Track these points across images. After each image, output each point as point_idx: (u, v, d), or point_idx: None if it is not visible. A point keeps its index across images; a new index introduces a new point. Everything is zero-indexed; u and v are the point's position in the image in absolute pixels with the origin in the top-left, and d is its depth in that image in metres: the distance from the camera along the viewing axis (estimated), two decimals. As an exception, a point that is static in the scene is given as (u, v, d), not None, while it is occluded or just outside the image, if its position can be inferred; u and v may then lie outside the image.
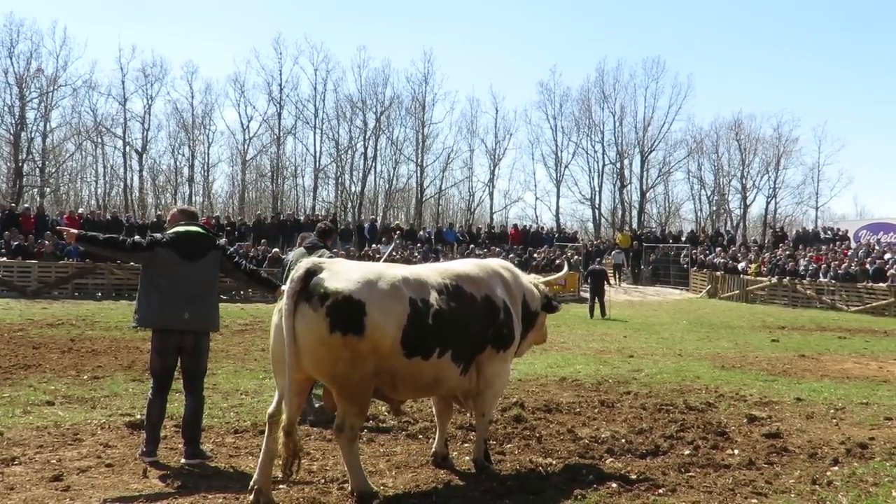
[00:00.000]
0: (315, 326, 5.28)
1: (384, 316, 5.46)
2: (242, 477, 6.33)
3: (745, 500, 5.93)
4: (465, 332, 6.01)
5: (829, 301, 28.82)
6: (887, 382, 11.87)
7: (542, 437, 7.83)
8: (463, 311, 6.01)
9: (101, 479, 6.18)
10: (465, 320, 6.02)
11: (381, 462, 6.85)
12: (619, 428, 8.31)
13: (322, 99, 52.65)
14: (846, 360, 14.69)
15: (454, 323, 5.89)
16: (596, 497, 5.91)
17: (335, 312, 5.28)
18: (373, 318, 5.38)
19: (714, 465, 6.83)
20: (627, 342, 17.15)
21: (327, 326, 5.26)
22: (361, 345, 5.35)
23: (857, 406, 9.78)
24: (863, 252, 32.56)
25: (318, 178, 53.58)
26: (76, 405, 8.89)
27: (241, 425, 8.10)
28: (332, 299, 5.29)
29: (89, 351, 13.25)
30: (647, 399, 10.01)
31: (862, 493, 6.11)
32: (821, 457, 7.20)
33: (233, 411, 8.77)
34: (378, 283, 5.54)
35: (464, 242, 35.78)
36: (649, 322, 22.76)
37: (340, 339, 5.28)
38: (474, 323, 6.12)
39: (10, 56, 45.48)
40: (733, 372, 12.74)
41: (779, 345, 17.21)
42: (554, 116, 55.66)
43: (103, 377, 10.71)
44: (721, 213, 57.62)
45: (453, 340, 5.90)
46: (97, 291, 25.75)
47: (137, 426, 7.79)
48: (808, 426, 8.60)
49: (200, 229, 6.97)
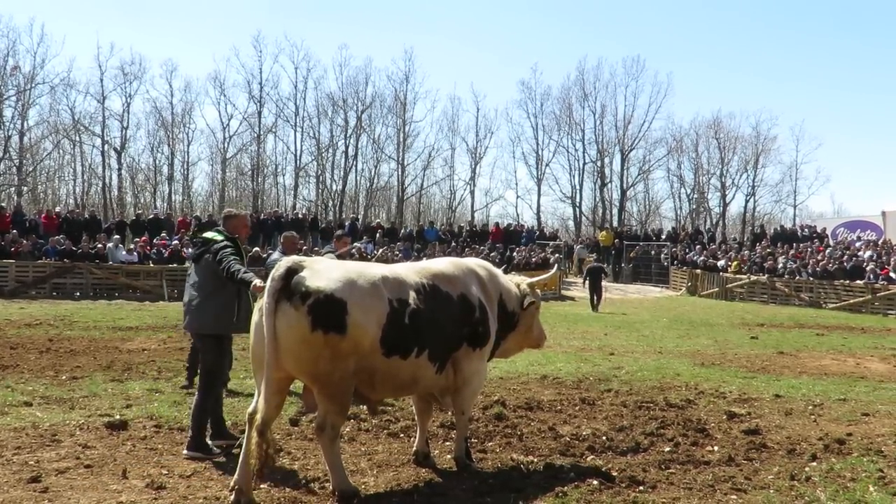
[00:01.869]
0: (296, 325, 5.28)
1: (365, 315, 5.46)
2: (223, 477, 6.31)
3: (725, 496, 5.97)
4: (441, 332, 6.04)
5: (808, 298, 29.07)
6: (864, 379, 11.98)
7: (523, 434, 7.85)
8: (439, 310, 6.04)
9: (80, 480, 6.13)
10: (442, 319, 6.04)
11: (363, 461, 6.84)
12: (600, 425, 8.35)
13: (303, 97, 52.49)
14: (824, 356, 14.81)
15: (431, 322, 5.91)
16: (577, 494, 5.92)
17: (317, 311, 5.27)
18: (354, 317, 5.38)
19: (694, 462, 6.88)
20: (608, 340, 17.20)
21: (308, 325, 5.26)
22: (343, 343, 5.35)
23: (834, 402, 9.86)
24: (840, 250, 32.86)
25: (299, 176, 53.40)
26: (54, 406, 8.81)
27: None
28: (314, 298, 5.29)
29: (67, 351, 13.13)
30: (627, 396, 10.06)
31: (840, 488, 6.17)
32: (799, 453, 7.26)
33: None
34: (359, 282, 5.55)
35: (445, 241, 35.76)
36: (630, 320, 22.85)
37: (322, 338, 5.28)
38: (450, 322, 6.14)
39: (-14, 54, 45.07)
40: (713, 369, 12.82)
41: (758, 342, 17.32)
42: (535, 115, 55.79)
43: (82, 377, 10.62)
44: (701, 212, 57.90)
45: (430, 340, 5.92)
46: (75, 291, 25.49)
47: (116, 426, 7.75)
48: (787, 422, 8.67)
49: (209, 233, 7.18)
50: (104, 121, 49.37)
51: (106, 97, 48.94)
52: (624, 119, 54.80)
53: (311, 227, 35.12)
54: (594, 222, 54.76)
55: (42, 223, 29.63)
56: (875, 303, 26.79)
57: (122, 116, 49.86)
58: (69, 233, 28.67)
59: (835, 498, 5.92)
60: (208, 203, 54.87)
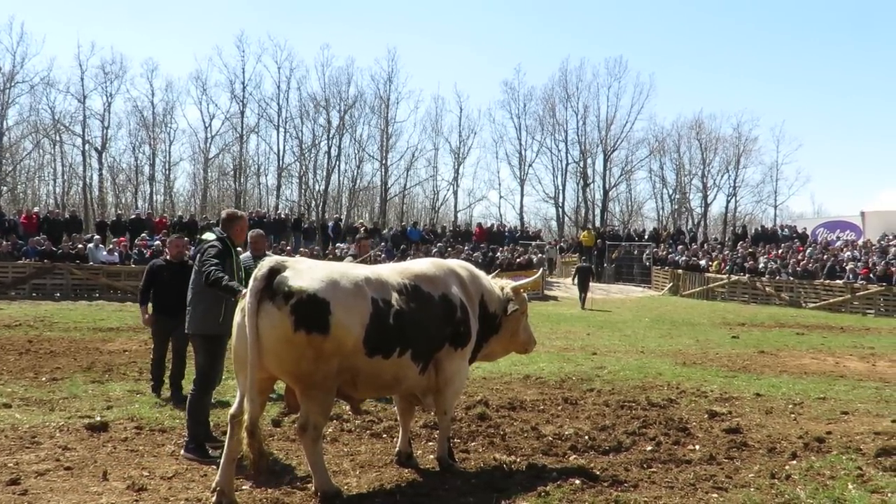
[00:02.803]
0: (279, 324, 5.26)
1: (348, 315, 5.46)
2: (204, 478, 6.28)
3: (706, 494, 6.00)
4: (424, 332, 6.06)
5: (788, 298, 29.27)
6: (844, 377, 12.07)
7: (506, 434, 7.87)
8: (422, 310, 6.06)
9: (60, 482, 6.09)
10: (424, 320, 6.06)
11: (345, 461, 6.83)
12: (583, 425, 8.37)
13: (285, 97, 52.28)
14: (804, 355, 14.91)
15: (414, 322, 5.93)
16: (560, 494, 5.94)
17: (300, 311, 5.26)
18: (337, 316, 5.37)
19: (675, 461, 6.91)
20: (591, 340, 17.25)
21: (291, 325, 5.24)
22: (326, 343, 5.34)
23: (814, 401, 9.94)
24: (820, 250, 33.12)
25: (282, 176, 53.19)
26: (34, 407, 8.74)
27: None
28: (297, 297, 5.28)
29: (47, 352, 13.03)
30: (609, 396, 10.09)
31: (819, 486, 6.21)
32: (779, 451, 7.31)
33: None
34: (342, 283, 5.55)
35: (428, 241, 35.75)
36: (612, 319, 22.93)
37: (305, 338, 5.27)
38: (432, 322, 6.16)
39: (-35, 53, 44.69)
40: (694, 368, 12.88)
41: (739, 341, 17.41)
42: (518, 115, 55.85)
43: (62, 379, 10.54)
44: (682, 212, 58.17)
45: (413, 340, 5.94)
46: (56, 292, 25.28)
47: (97, 428, 7.70)
48: (768, 421, 8.73)
49: (206, 234, 7.13)
50: (85, 120, 49.12)
51: (86, 96, 48.65)
52: (606, 120, 55.02)
53: (294, 228, 35.05)
54: (577, 222, 54.87)
55: (22, 223, 29.36)
56: (854, 302, 27.01)
57: (103, 116, 49.56)
58: (49, 233, 28.46)
59: (814, 496, 5.95)
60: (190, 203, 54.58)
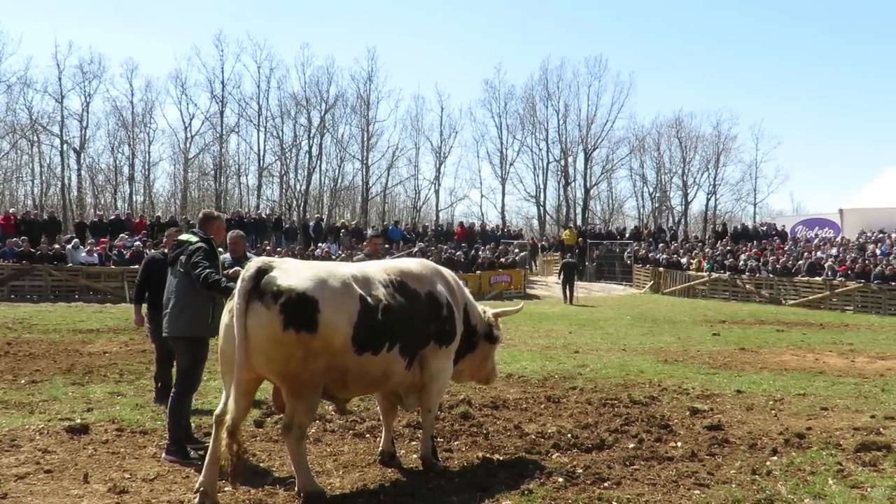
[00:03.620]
0: (268, 324, 5.25)
1: (336, 313, 5.47)
2: (186, 480, 6.24)
3: (688, 491, 6.03)
4: (411, 327, 6.08)
5: (768, 295, 29.48)
6: (823, 374, 12.17)
7: (489, 433, 7.87)
8: (409, 306, 6.09)
9: (41, 485, 6.03)
10: (411, 315, 6.09)
11: (329, 462, 6.82)
12: (565, 423, 8.40)
13: (265, 97, 52.16)
14: (784, 352, 15.02)
15: (401, 318, 5.96)
16: (543, 492, 5.95)
17: (288, 309, 5.26)
18: (326, 315, 5.38)
19: (658, 458, 6.93)
20: (573, 338, 17.29)
21: (280, 324, 5.24)
22: (314, 342, 5.34)
23: (794, 397, 10.01)
24: (800, 247, 33.38)
25: (263, 176, 53.04)
26: (13, 410, 8.65)
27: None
28: (286, 296, 5.28)
29: (27, 354, 12.91)
30: (592, 394, 10.13)
31: (800, 481, 6.26)
32: (760, 447, 7.36)
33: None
34: (330, 281, 5.57)
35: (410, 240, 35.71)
36: (594, 318, 22.99)
37: (294, 337, 5.26)
38: (419, 318, 6.19)
39: (-61, 52, 44.22)
40: (676, 366, 12.95)
41: (719, 338, 17.52)
42: (499, 114, 55.97)
43: (41, 381, 10.45)
44: (663, 210, 58.53)
45: (400, 335, 5.96)
46: (34, 293, 25.05)
47: (77, 430, 7.64)
48: (749, 417, 8.78)
49: (185, 236, 7.06)
50: (63, 120, 48.76)
51: (64, 96, 48.32)
52: (587, 118, 55.29)
53: (275, 228, 34.88)
54: (558, 221, 55.06)
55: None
56: (833, 299, 27.26)
57: (82, 116, 49.26)
58: (27, 234, 28.20)
59: (795, 491, 6.00)
60: (170, 203, 54.39)
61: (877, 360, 13.87)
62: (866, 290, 26.55)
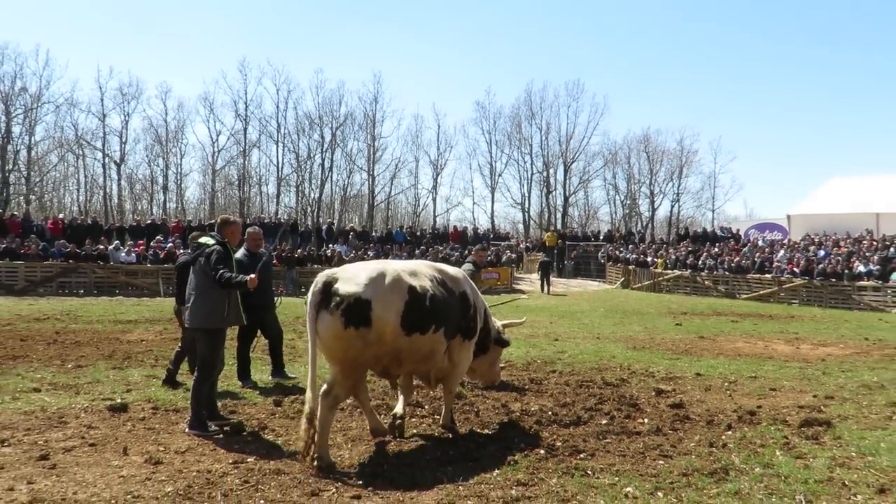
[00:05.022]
0: (331, 326, 5.69)
1: (386, 308, 5.81)
2: (213, 452, 6.24)
3: (654, 461, 6.04)
4: (450, 315, 6.38)
5: (724, 290, 29.52)
6: (772, 359, 12.19)
7: (479, 411, 7.88)
8: (449, 299, 6.40)
9: (85, 457, 6.04)
10: (450, 306, 6.40)
11: (339, 436, 6.82)
12: (546, 402, 8.40)
13: (283, 116, 52.08)
14: (738, 340, 15.03)
15: (443, 306, 6.26)
16: (526, 462, 5.96)
17: (347, 312, 5.67)
18: (377, 311, 5.76)
19: (627, 433, 6.95)
20: (553, 328, 17.28)
21: (342, 324, 5.67)
22: (370, 334, 5.75)
23: (746, 379, 10.03)
24: (751, 248, 33.41)
25: (281, 186, 52.96)
26: (61, 391, 8.65)
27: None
28: (346, 303, 5.69)
29: (73, 342, 12.89)
30: (570, 377, 10.13)
31: (751, 453, 6.28)
32: (717, 423, 7.37)
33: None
34: (382, 281, 5.89)
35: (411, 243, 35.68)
36: (572, 310, 22.98)
37: (353, 332, 5.69)
38: (455, 311, 6.48)
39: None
40: (643, 352, 12.94)
41: (682, 328, 17.51)
42: (489, 131, 55.98)
43: (86, 366, 10.43)
44: (633, 216, 58.47)
45: (443, 319, 6.25)
46: (80, 289, 25.05)
47: (118, 409, 7.64)
48: (707, 397, 8.80)
49: (203, 239, 7.17)
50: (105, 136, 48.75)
51: (106, 115, 48.29)
52: (566, 135, 55.28)
53: (292, 231, 34.84)
54: (541, 225, 55.00)
55: (49, 228, 29.07)
56: (781, 293, 27.27)
57: (121, 132, 49.24)
58: (73, 237, 28.18)
59: (747, 462, 6.01)
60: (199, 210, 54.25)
61: (819, 347, 13.91)
62: (810, 285, 26.58)
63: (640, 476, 5.62)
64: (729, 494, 5.23)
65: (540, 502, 5.05)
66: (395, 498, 5.16)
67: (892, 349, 13.62)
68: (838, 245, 29.75)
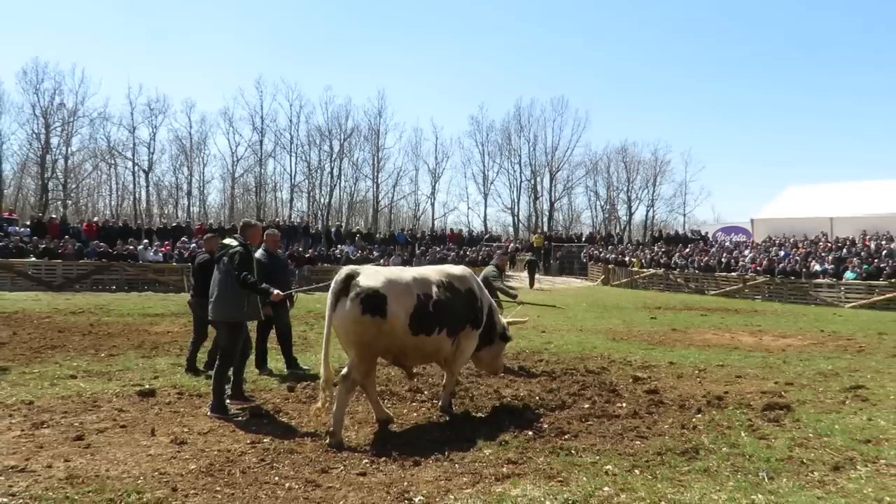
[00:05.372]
0: (351, 310, 5.89)
1: (399, 306, 6.06)
2: (233, 433, 6.23)
3: (631, 441, 6.05)
4: (455, 315, 6.59)
5: (694, 287, 29.55)
6: (738, 349, 12.18)
7: (473, 396, 7.87)
8: (454, 300, 6.59)
9: (117, 437, 6.03)
10: (455, 306, 6.59)
11: (346, 419, 6.78)
12: (534, 388, 8.40)
13: (296, 128, 51.74)
14: (707, 332, 15.02)
15: (448, 309, 6.46)
16: (516, 443, 5.96)
17: (366, 301, 5.90)
18: (392, 307, 6.00)
19: (607, 416, 6.94)
20: (540, 320, 17.24)
21: (360, 310, 5.88)
22: (384, 325, 5.97)
23: (715, 367, 10.02)
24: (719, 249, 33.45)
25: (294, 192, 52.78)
26: (95, 378, 8.63)
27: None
28: (365, 293, 5.93)
29: (106, 334, 12.84)
30: (555, 365, 10.13)
31: (719, 434, 6.28)
32: (688, 407, 7.37)
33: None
34: (396, 283, 6.15)
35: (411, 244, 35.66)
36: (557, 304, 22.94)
37: (370, 319, 5.91)
38: (461, 307, 6.68)
39: (37, 92, 44.03)
40: (621, 343, 12.93)
41: (656, 321, 17.50)
42: (482, 143, 55.63)
43: (117, 355, 10.40)
44: (612, 220, 58.33)
45: (447, 322, 6.47)
46: (112, 285, 24.97)
47: (146, 394, 7.63)
48: (679, 384, 8.79)
49: (227, 240, 7.16)
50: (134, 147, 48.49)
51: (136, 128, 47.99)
52: (552, 146, 55.02)
53: (304, 233, 34.79)
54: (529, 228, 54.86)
55: (84, 230, 29.01)
56: (745, 290, 27.30)
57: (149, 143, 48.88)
58: (106, 238, 28.11)
59: (715, 442, 6.02)
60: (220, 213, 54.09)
61: (779, 339, 13.92)
62: (771, 283, 26.61)
63: (618, 455, 5.63)
64: (699, 472, 5.23)
65: (528, 479, 5.05)
66: (397, 475, 5.16)
67: (845, 340, 13.64)
68: (797, 246, 29.79)
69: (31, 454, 5.51)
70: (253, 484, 4.95)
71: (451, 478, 5.09)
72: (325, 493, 4.81)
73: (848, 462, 5.49)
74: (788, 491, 4.86)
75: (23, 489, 4.75)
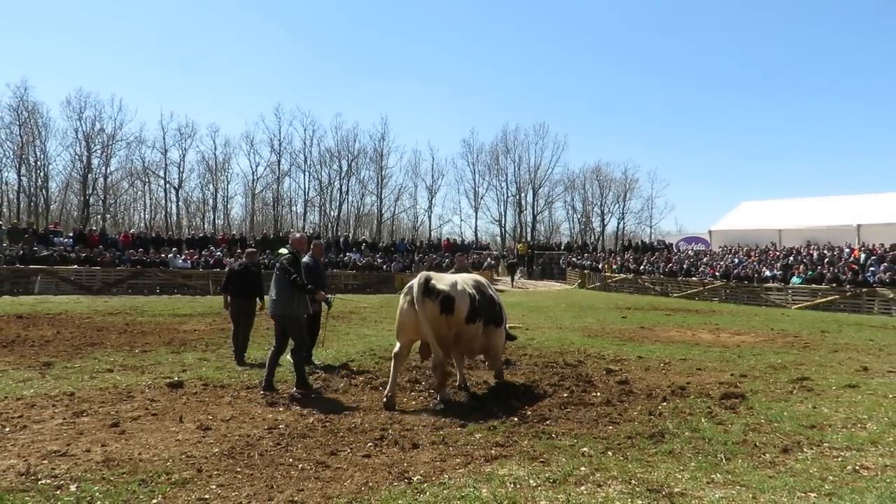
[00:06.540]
0: (432, 310, 6.65)
1: (461, 304, 6.83)
2: (252, 420, 6.19)
3: (605, 427, 6.04)
4: (487, 311, 7.28)
5: (660, 290, 29.57)
6: (698, 345, 12.19)
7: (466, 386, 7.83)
8: (485, 300, 7.32)
9: (149, 424, 5.98)
10: (487, 304, 7.31)
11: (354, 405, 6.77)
12: (519, 379, 8.38)
13: (309, 150, 51.58)
14: (671, 330, 15.03)
15: (484, 305, 7.22)
16: (503, 428, 5.95)
17: (443, 303, 6.68)
18: (458, 306, 6.78)
19: (584, 404, 6.93)
20: (524, 319, 17.27)
21: (439, 310, 6.66)
22: (453, 320, 6.75)
23: (678, 361, 10.01)
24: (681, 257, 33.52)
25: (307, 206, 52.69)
26: (129, 371, 8.57)
27: (251, 382, 7.92)
28: (442, 296, 6.70)
29: (139, 332, 12.77)
30: (538, 358, 10.11)
31: (682, 420, 6.28)
32: (655, 396, 7.36)
33: (245, 374, 8.57)
34: (459, 287, 6.91)
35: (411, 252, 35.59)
36: (539, 305, 23.00)
37: (445, 318, 6.70)
38: (489, 307, 7.35)
39: (80, 119, 43.96)
40: (596, 339, 12.93)
41: (626, 320, 17.51)
42: (473, 163, 55.49)
43: (150, 351, 10.34)
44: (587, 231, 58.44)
45: (484, 314, 7.21)
46: (145, 289, 24.82)
47: (175, 385, 7.58)
48: (647, 375, 8.78)
49: (282, 249, 7.70)
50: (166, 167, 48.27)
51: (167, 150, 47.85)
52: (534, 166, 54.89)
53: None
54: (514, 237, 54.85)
55: (121, 240, 28.86)
56: (705, 293, 27.33)
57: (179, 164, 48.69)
58: (140, 247, 28.00)
59: (679, 427, 6.01)
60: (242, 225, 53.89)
61: (735, 336, 13.94)
62: (727, 286, 26.62)
63: (594, 439, 5.61)
64: (664, 453, 5.22)
65: (514, 460, 5.04)
66: (398, 457, 5.13)
67: (793, 337, 13.66)
68: (749, 255, 29.86)
69: (71, 440, 5.46)
70: (270, 465, 4.92)
71: (446, 459, 5.06)
72: (333, 472, 4.78)
73: (796, 445, 5.49)
74: (743, 471, 4.86)
75: (64, 471, 4.71)
